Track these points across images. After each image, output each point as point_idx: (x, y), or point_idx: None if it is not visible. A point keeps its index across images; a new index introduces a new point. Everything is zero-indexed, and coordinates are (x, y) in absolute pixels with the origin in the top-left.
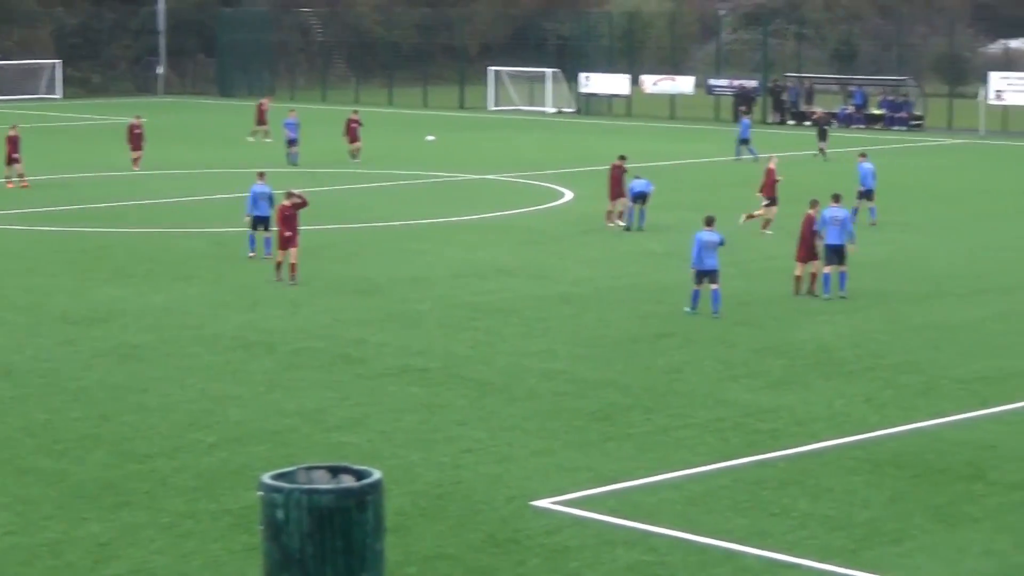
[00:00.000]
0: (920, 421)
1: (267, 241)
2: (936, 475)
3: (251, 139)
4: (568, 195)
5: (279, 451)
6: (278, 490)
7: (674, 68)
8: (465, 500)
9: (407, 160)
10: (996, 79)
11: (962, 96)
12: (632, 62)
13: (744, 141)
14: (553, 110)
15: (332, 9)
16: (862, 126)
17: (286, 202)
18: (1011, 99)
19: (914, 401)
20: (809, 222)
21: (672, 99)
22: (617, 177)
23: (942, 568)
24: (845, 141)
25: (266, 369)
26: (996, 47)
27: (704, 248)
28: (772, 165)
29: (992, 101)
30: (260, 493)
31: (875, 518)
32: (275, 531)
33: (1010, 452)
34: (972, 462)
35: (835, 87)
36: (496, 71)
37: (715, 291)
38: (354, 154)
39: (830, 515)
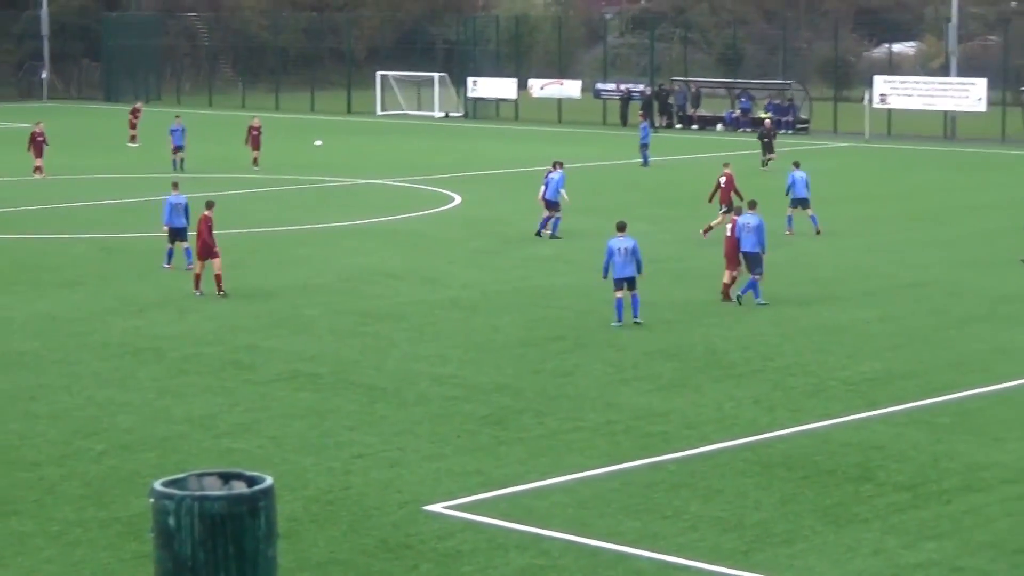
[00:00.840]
0: (809, 423)
1: (187, 252)
2: (825, 476)
3: (132, 144)
4: (456, 199)
5: (169, 458)
6: (169, 497)
7: (561, 72)
8: (357, 505)
9: (295, 165)
10: (880, 83)
11: (847, 100)
12: (519, 66)
13: (644, 146)
14: (441, 114)
15: (218, 14)
16: (748, 130)
17: (207, 212)
18: (895, 103)
19: (803, 403)
20: (734, 229)
21: (559, 103)
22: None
23: (832, 568)
24: (730, 144)
25: (155, 375)
26: (880, 51)
27: (618, 255)
28: (728, 172)
29: (877, 105)
30: (151, 500)
31: (766, 519)
32: (167, 538)
33: (897, 453)
34: (860, 463)
35: (721, 91)
36: (383, 75)
37: (635, 297)
38: (256, 162)
39: (721, 517)
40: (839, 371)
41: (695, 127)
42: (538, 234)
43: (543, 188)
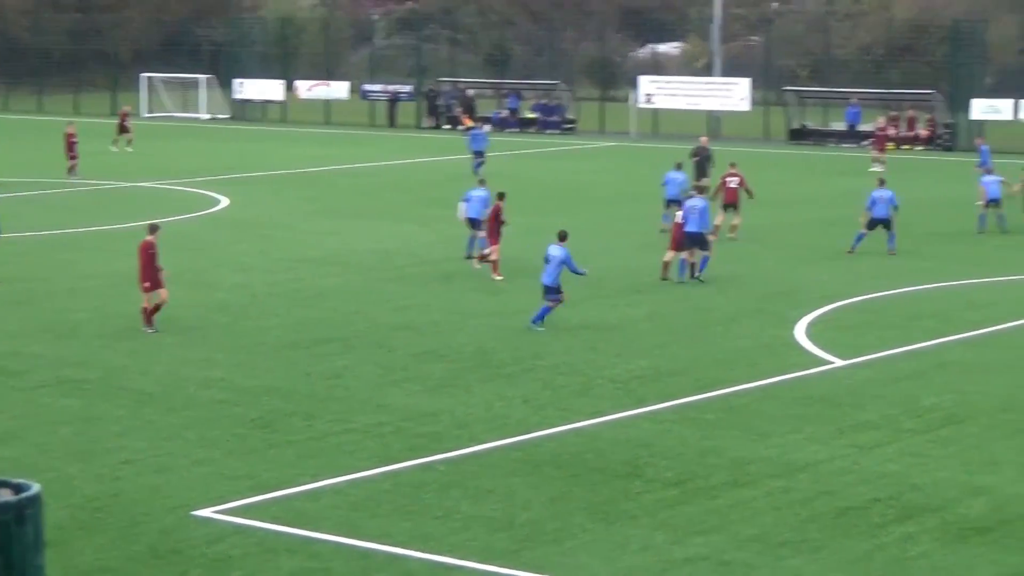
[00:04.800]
0: (578, 421)
1: None
2: (595, 474)
3: None
4: (224, 202)
5: None
6: None
7: (328, 74)
8: (125, 512)
9: (59, 168)
10: (646, 83)
11: (613, 100)
12: (286, 68)
13: (478, 153)
14: (207, 116)
15: None
16: (516, 130)
17: (149, 237)
18: (660, 103)
19: (572, 402)
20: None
21: (327, 104)
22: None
23: (602, 565)
24: (499, 145)
25: None
26: (645, 51)
27: (550, 262)
28: (735, 171)
29: (642, 105)
30: None
31: (536, 518)
32: None
33: (665, 450)
34: (629, 460)
35: (489, 91)
36: (149, 77)
37: (545, 307)
38: (72, 170)
39: (492, 516)
40: (608, 369)
41: (461, 127)
42: (468, 257)
43: (464, 206)
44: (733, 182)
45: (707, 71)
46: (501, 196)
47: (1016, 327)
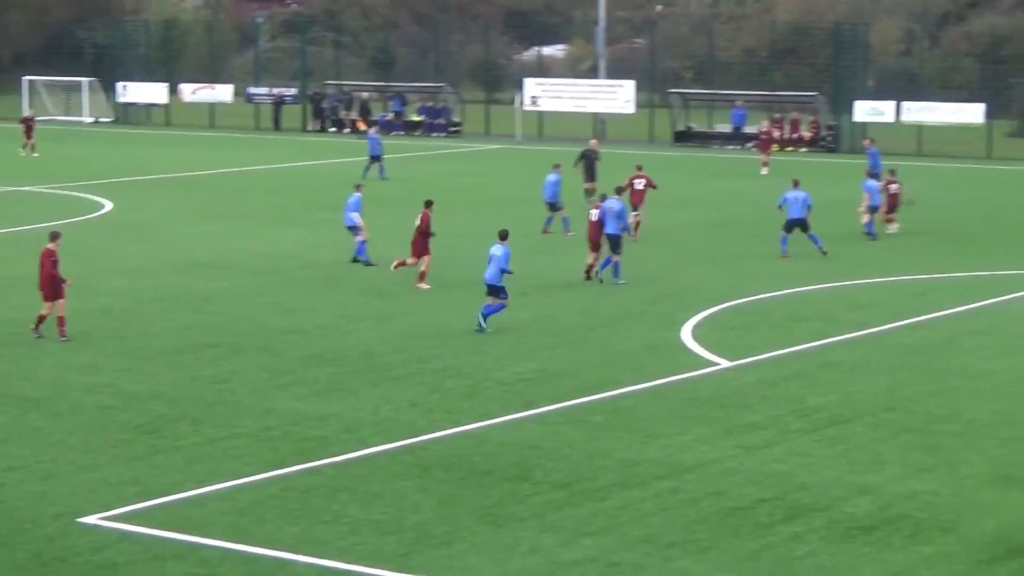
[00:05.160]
0: (466, 424)
1: None
2: (483, 477)
3: None
4: (108, 206)
5: None
6: None
7: (213, 77)
8: (9, 519)
9: None
10: (531, 85)
11: (499, 102)
12: (170, 71)
13: (375, 158)
14: (90, 119)
15: None
16: (401, 133)
17: (51, 245)
18: (546, 105)
19: (460, 404)
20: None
21: (211, 108)
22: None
23: (491, 567)
24: (388, 148)
25: None
26: (530, 54)
27: (492, 261)
28: (642, 174)
29: (528, 107)
30: None
31: (425, 521)
32: None
33: (553, 452)
34: (517, 463)
35: (375, 94)
36: (30, 80)
37: (487, 306)
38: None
39: (380, 520)
40: (495, 372)
41: (347, 130)
42: (354, 261)
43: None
44: (640, 183)
45: (592, 74)
46: (428, 204)
47: (898, 327)
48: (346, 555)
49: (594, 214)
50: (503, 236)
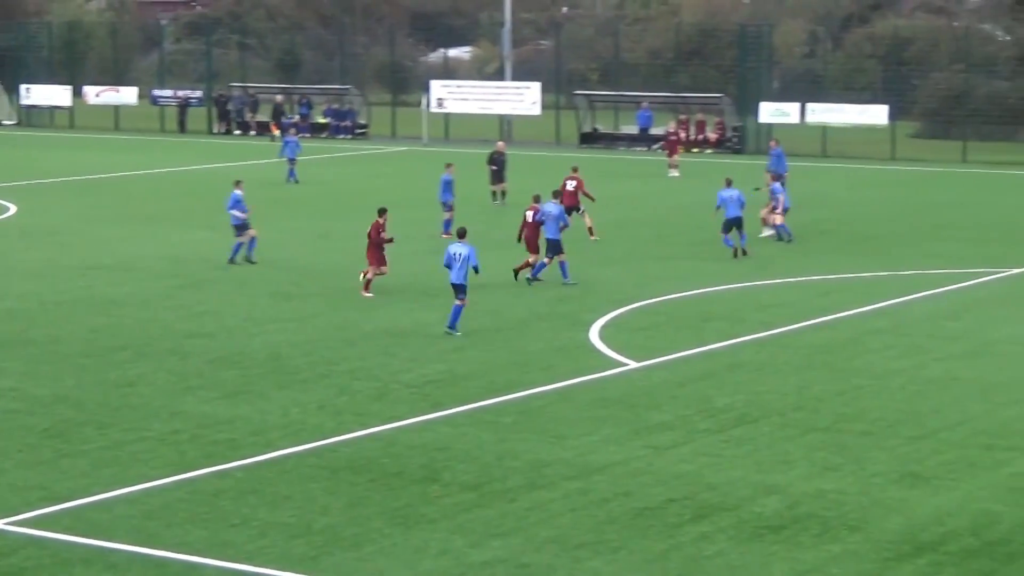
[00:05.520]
0: (375, 426)
1: None
2: (392, 479)
3: None
4: (11, 209)
5: None
6: None
7: (117, 79)
8: None
9: None
10: (437, 88)
11: (405, 104)
12: (74, 73)
13: (292, 161)
14: None
15: None
16: (307, 135)
17: None
18: (452, 107)
19: (368, 407)
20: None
21: (116, 110)
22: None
23: (401, 570)
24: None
25: None
26: (437, 56)
27: (454, 260)
28: (576, 176)
29: (434, 109)
30: None
31: (334, 524)
32: None
33: (462, 453)
34: (426, 464)
35: (281, 96)
36: None
37: (457, 306)
38: None
39: (290, 523)
40: (403, 374)
41: (253, 133)
42: (231, 261)
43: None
44: (571, 185)
45: (498, 76)
46: (382, 212)
47: (805, 327)
48: (255, 558)
49: (529, 215)
50: (462, 235)
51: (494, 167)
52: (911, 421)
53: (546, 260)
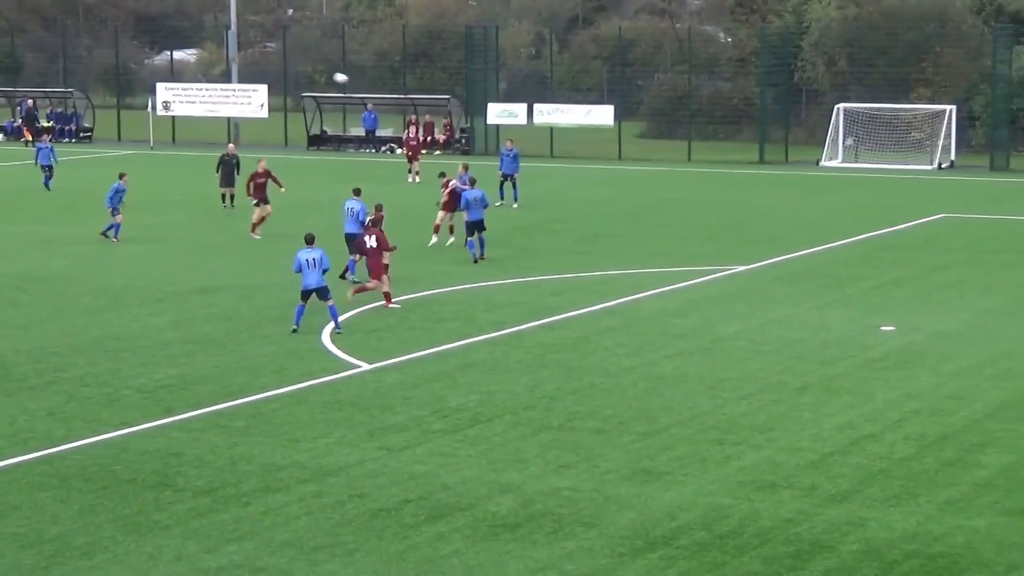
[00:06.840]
0: (106, 432)
1: None
2: (124, 485)
3: None
4: None
5: None
6: None
7: None
8: None
9: None
10: (163, 90)
11: (131, 107)
12: None
13: (48, 167)
14: None
15: None
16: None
17: None
18: (179, 110)
19: (99, 413)
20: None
21: None
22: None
23: None
24: (7, 154)
25: None
26: (162, 58)
27: (307, 266)
28: (264, 166)
29: (160, 112)
30: None
31: (65, 533)
32: None
33: (195, 458)
34: (159, 470)
35: (1, 100)
36: None
37: (331, 308)
38: None
39: (19, 533)
40: (134, 379)
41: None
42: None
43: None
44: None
45: (225, 78)
46: (377, 212)
47: (537, 327)
48: None
49: (446, 193)
50: (310, 241)
51: (225, 170)
52: (643, 418)
53: (482, 235)
